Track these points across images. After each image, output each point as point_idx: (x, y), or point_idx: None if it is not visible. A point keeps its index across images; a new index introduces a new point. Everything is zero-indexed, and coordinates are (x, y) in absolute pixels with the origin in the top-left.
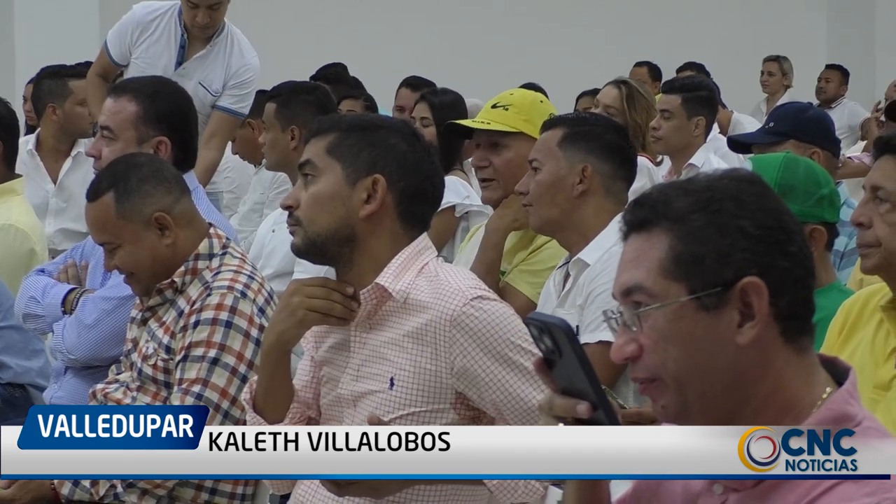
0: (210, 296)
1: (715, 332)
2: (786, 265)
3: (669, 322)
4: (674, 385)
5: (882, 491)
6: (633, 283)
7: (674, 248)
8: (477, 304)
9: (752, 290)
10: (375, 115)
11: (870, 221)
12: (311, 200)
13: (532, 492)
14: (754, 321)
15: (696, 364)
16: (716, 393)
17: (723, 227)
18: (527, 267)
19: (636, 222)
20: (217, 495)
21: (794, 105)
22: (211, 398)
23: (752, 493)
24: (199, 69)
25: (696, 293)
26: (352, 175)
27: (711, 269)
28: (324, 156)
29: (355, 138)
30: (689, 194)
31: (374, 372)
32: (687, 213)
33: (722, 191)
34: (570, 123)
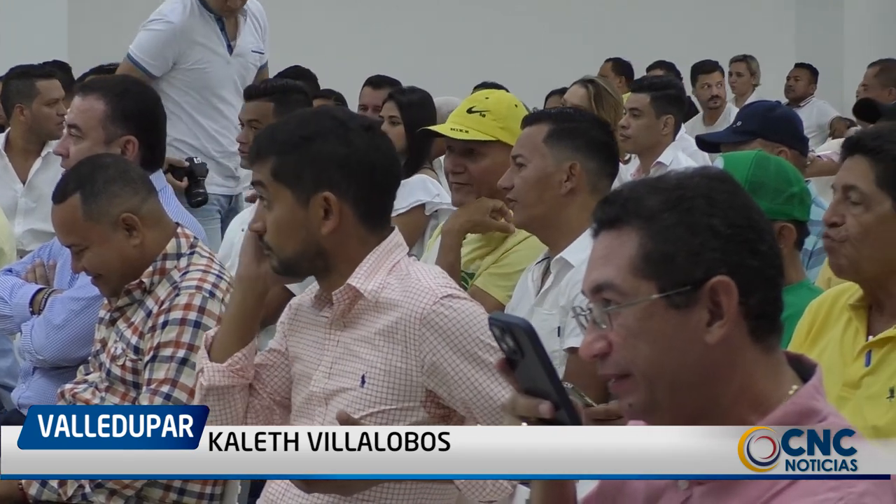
0: (178, 296)
1: (684, 330)
2: (755, 264)
3: (639, 320)
4: (643, 382)
5: (846, 486)
6: (603, 280)
7: (644, 247)
8: (447, 302)
9: (721, 289)
10: (310, 119)
11: (843, 219)
12: (274, 228)
13: (500, 490)
14: (723, 320)
15: (665, 362)
16: (684, 391)
17: (693, 225)
18: (496, 270)
19: (607, 220)
20: (186, 495)
21: (762, 104)
22: (179, 398)
23: (715, 487)
24: (245, 39)
25: (666, 291)
26: (301, 197)
27: (681, 268)
28: (272, 182)
29: (293, 159)
30: (659, 192)
31: (346, 370)
32: (658, 212)
33: (693, 189)
34: (556, 119)
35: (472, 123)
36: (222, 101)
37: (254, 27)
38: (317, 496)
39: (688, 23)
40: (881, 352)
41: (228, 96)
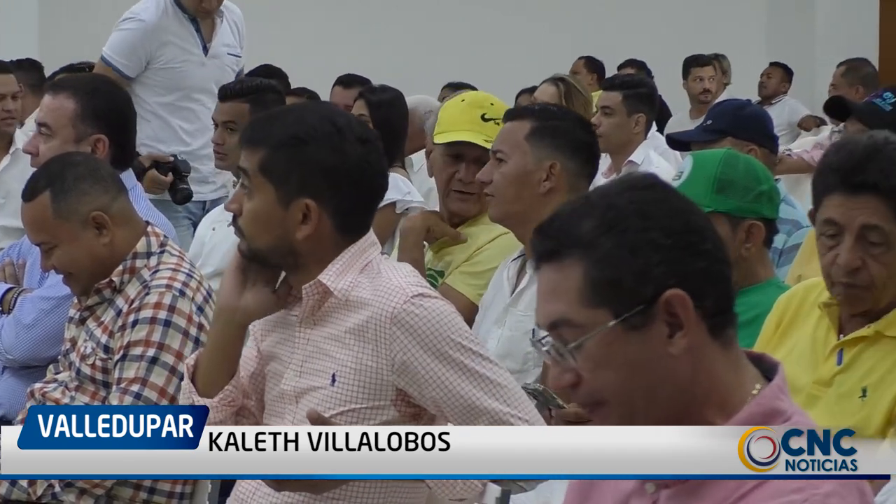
0: (148, 294)
1: (648, 348)
2: (702, 265)
3: (601, 348)
4: (618, 405)
5: (811, 487)
6: (557, 317)
7: (589, 276)
8: (418, 301)
9: (675, 302)
10: (309, 119)
11: (864, 264)
12: (250, 217)
13: (471, 488)
14: (684, 330)
15: (636, 383)
16: (659, 404)
17: (633, 245)
18: (467, 269)
19: (545, 254)
20: (156, 494)
21: (731, 102)
22: (150, 397)
23: (683, 489)
24: (221, 41)
25: (622, 315)
26: (284, 197)
27: (631, 290)
28: (257, 173)
29: (284, 158)
30: (591, 217)
31: (317, 368)
32: (594, 238)
33: (624, 207)
34: (539, 117)
35: (495, 134)
36: (196, 103)
37: (231, 30)
38: (287, 495)
39: (659, 22)
40: (853, 351)
41: (203, 98)
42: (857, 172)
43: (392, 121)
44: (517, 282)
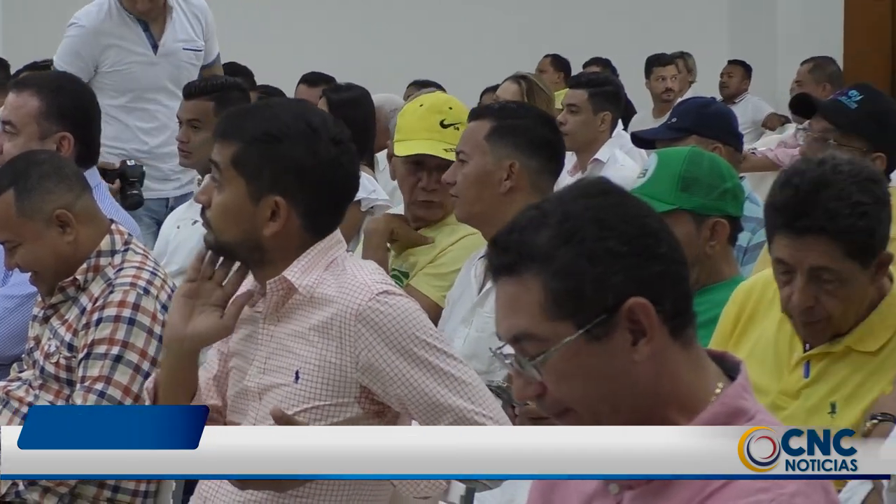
0: (113, 293)
1: (612, 357)
2: (660, 268)
3: (565, 361)
4: (585, 413)
5: (776, 486)
6: (518, 330)
7: (549, 289)
8: (382, 298)
9: (638, 309)
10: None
11: (817, 302)
12: (219, 210)
13: (435, 486)
14: (647, 337)
15: (602, 391)
16: (626, 410)
17: (591, 255)
18: (432, 270)
19: (503, 267)
20: (120, 493)
21: (696, 100)
22: (114, 396)
23: (647, 490)
24: (174, 38)
25: (584, 327)
26: (255, 193)
27: (592, 300)
28: (229, 166)
29: (257, 154)
30: (547, 227)
31: (280, 365)
32: (552, 250)
33: (579, 215)
34: (499, 116)
35: (455, 140)
36: (151, 102)
37: (190, 24)
38: (251, 493)
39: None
40: (820, 364)
41: (158, 96)
42: (802, 216)
43: (355, 119)
44: (485, 280)
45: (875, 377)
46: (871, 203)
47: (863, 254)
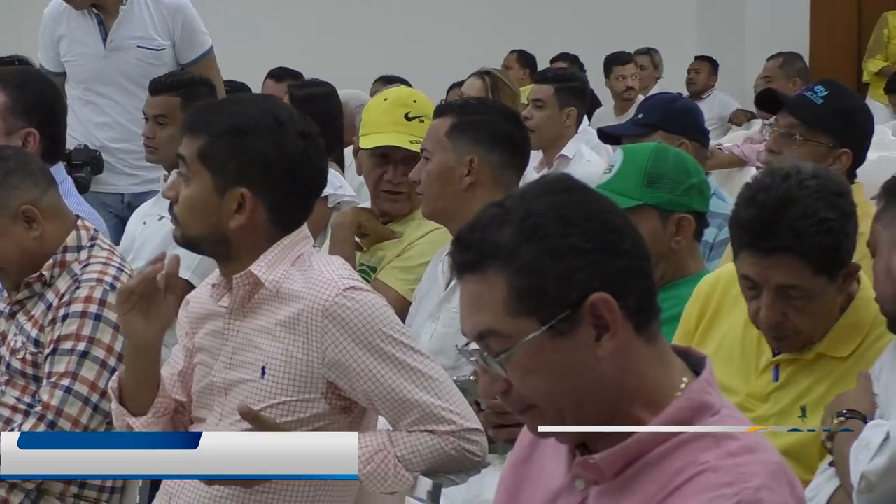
0: (79, 288)
1: (576, 353)
2: (624, 264)
3: (529, 357)
4: (549, 410)
5: (741, 481)
6: (483, 327)
7: (512, 286)
8: (349, 294)
9: (601, 305)
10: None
11: (785, 318)
12: (185, 204)
13: (402, 482)
14: (611, 332)
15: (566, 387)
16: (590, 406)
17: (554, 251)
18: (399, 263)
19: (466, 265)
20: (87, 489)
21: (662, 96)
22: (80, 392)
23: (612, 486)
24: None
25: (548, 323)
26: (220, 185)
27: (555, 296)
28: (195, 160)
29: (224, 146)
30: (510, 224)
31: (247, 360)
32: (515, 247)
33: (542, 213)
34: (459, 112)
35: (420, 132)
36: (100, 96)
37: (154, 22)
38: (217, 489)
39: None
40: (790, 369)
41: (108, 91)
42: (768, 236)
43: (319, 115)
44: (452, 276)
45: (844, 381)
46: (837, 218)
47: (830, 269)
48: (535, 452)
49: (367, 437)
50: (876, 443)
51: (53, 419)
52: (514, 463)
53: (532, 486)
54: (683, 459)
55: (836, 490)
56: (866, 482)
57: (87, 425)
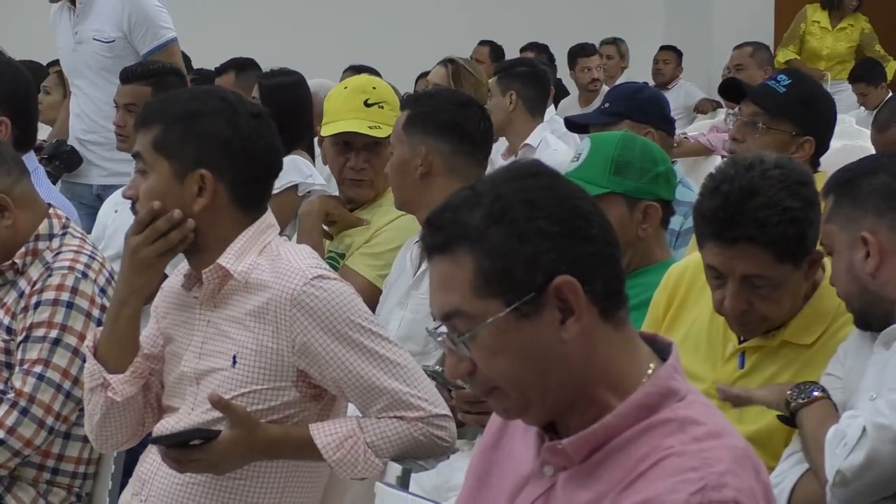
0: (51, 276)
1: (540, 335)
2: (591, 250)
3: (495, 337)
4: (513, 392)
5: (706, 466)
6: (450, 307)
7: (480, 267)
8: (317, 283)
9: (565, 288)
10: (201, 97)
11: (750, 305)
12: (147, 197)
13: (372, 467)
14: (575, 315)
15: (530, 369)
16: (554, 389)
17: (521, 234)
18: (367, 250)
19: (436, 246)
20: (59, 475)
21: (628, 85)
22: (53, 378)
23: (580, 470)
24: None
25: (513, 304)
26: (179, 171)
27: (522, 278)
28: (151, 151)
29: (178, 132)
30: (480, 206)
31: (217, 350)
32: (483, 229)
33: (510, 197)
34: (413, 105)
35: (379, 118)
36: (76, 89)
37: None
38: (189, 476)
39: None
40: (755, 356)
41: (79, 83)
42: (732, 226)
43: (288, 103)
44: (420, 263)
45: (808, 369)
46: (800, 207)
47: (794, 257)
48: (504, 438)
49: (337, 423)
50: (853, 437)
51: (26, 406)
52: (483, 448)
53: (501, 472)
54: (649, 444)
55: (801, 476)
56: (841, 477)
57: (60, 412)
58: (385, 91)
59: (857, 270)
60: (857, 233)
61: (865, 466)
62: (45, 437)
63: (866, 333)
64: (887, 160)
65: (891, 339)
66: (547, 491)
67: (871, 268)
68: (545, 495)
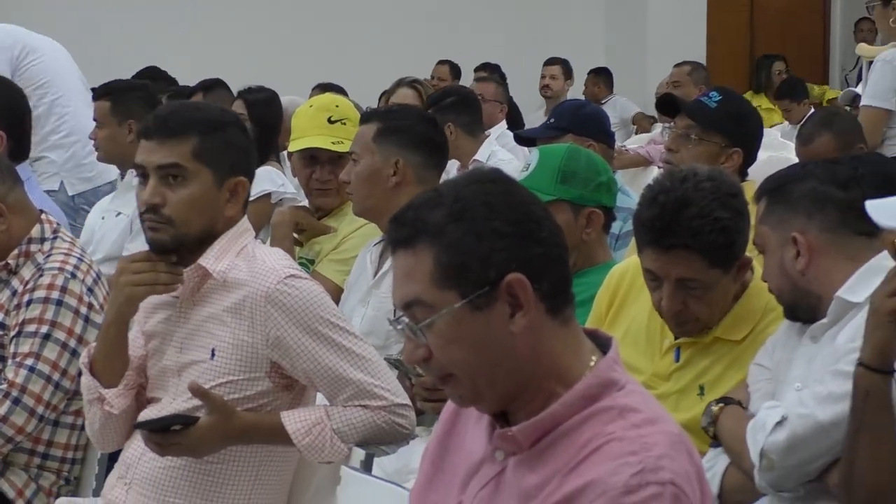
0: (42, 276)
1: (491, 327)
2: (540, 251)
3: (450, 326)
4: (465, 379)
5: (644, 450)
6: (410, 297)
7: (439, 261)
8: (290, 282)
9: (516, 285)
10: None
11: (684, 306)
12: (186, 204)
13: (338, 452)
14: (524, 310)
15: (481, 358)
16: (503, 378)
17: (479, 233)
18: (335, 256)
19: (400, 240)
20: (49, 460)
21: (572, 102)
22: (43, 370)
23: (529, 455)
24: None
25: (468, 297)
26: (219, 178)
27: (476, 273)
28: (191, 160)
29: (216, 141)
30: (442, 207)
31: (197, 344)
32: (444, 226)
33: (470, 198)
34: (384, 118)
35: (342, 134)
36: None
37: None
38: (170, 459)
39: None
40: (689, 351)
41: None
42: (668, 235)
43: (268, 118)
44: (380, 265)
45: (738, 363)
46: (730, 217)
47: (725, 263)
48: (458, 425)
49: (306, 411)
50: (771, 422)
51: (18, 396)
52: (439, 435)
53: (455, 457)
54: (592, 431)
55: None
56: (767, 460)
57: (50, 401)
58: (347, 109)
59: (787, 267)
60: (789, 233)
61: (788, 448)
62: (35, 425)
63: (794, 327)
64: (814, 168)
65: (818, 333)
66: (498, 474)
67: (801, 265)
68: (496, 478)
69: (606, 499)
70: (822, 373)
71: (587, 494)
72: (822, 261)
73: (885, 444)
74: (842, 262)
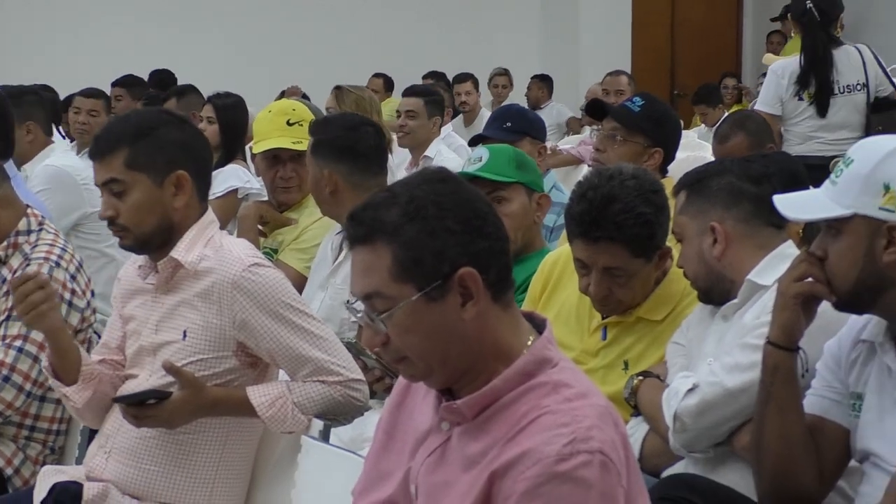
0: (29, 265)
1: (445, 316)
2: (487, 245)
3: (407, 316)
4: (419, 362)
5: (575, 422)
6: (370, 290)
7: (397, 257)
8: (254, 269)
9: (467, 277)
10: (146, 115)
11: (610, 291)
12: (133, 210)
13: (298, 423)
14: (474, 300)
15: (436, 344)
16: (453, 359)
17: (432, 231)
18: (296, 246)
19: (358, 237)
20: (36, 432)
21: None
22: (31, 351)
23: (472, 426)
24: None
25: (424, 289)
26: (157, 179)
27: (431, 267)
28: (125, 171)
29: (147, 146)
30: (396, 206)
31: (171, 326)
32: (400, 225)
33: (423, 198)
34: (314, 132)
35: (300, 134)
36: None
37: None
38: (145, 430)
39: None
40: (615, 330)
41: None
42: (595, 228)
43: (234, 121)
44: (339, 252)
45: (659, 340)
46: (652, 212)
47: (646, 253)
48: (408, 399)
49: (270, 386)
50: (684, 389)
51: (7, 374)
52: (390, 407)
53: (405, 427)
54: (529, 404)
55: (649, 430)
56: (680, 423)
57: (37, 379)
58: (303, 111)
59: (705, 254)
60: (707, 223)
61: (699, 412)
62: (23, 401)
63: (706, 308)
64: (731, 164)
65: (729, 312)
66: (444, 443)
67: (717, 252)
68: (443, 446)
69: (541, 466)
70: (731, 346)
71: (524, 462)
72: (736, 248)
73: (791, 413)
74: (753, 250)
